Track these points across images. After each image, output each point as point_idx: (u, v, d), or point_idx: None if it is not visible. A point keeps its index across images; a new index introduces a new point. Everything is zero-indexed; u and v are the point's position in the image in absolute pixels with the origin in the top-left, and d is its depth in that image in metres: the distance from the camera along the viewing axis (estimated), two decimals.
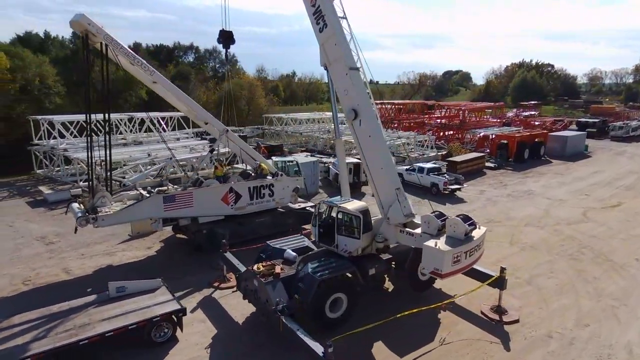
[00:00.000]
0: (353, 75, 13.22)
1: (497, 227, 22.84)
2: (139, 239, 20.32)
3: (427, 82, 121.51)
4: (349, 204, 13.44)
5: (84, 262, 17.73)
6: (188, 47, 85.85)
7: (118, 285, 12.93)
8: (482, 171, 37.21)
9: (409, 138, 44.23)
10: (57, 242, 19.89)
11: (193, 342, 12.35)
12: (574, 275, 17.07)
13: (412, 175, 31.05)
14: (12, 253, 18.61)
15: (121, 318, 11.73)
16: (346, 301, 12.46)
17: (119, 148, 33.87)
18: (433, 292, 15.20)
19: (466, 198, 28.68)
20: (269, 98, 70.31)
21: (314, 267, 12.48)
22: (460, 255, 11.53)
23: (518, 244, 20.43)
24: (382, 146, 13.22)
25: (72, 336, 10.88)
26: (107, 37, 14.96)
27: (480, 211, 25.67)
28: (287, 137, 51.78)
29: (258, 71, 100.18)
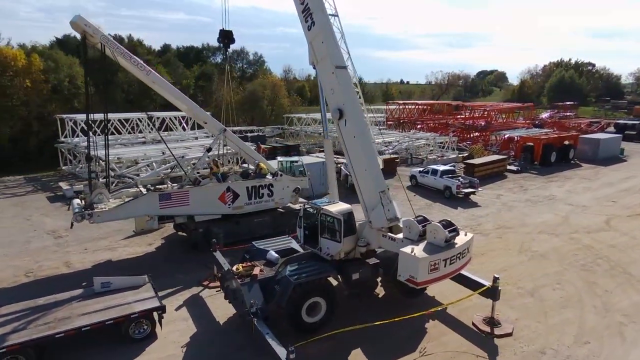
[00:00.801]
0: (339, 74, 12.87)
1: (508, 233, 21.75)
2: (142, 235, 20.74)
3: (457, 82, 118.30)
4: (332, 206, 13.10)
5: (85, 257, 18.27)
6: (217, 48, 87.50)
7: (103, 281, 13.17)
8: (503, 175, 35.68)
9: (428, 139, 43.09)
10: (65, 237, 20.62)
11: (171, 340, 12.39)
12: (583, 288, 15.95)
13: (426, 178, 30.25)
14: (22, 245, 19.45)
15: (100, 313, 11.93)
16: (325, 306, 12.13)
17: (136, 146, 34.95)
18: (425, 300, 14.58)
19: (481, 202, 27.55)
20: (293, 98, 70.43)
21: (292, 269, 12.24)
22: (438, 263, 10.93)
23: (527, 252, 19.35)
24: (366, 147, 12.80)
25: (50, 329, 11.15)
26: (103, 38, 15.33)
27: (493, 216, 24.58)
28: (306, 137, 51.71)
29: (285, 71, 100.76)
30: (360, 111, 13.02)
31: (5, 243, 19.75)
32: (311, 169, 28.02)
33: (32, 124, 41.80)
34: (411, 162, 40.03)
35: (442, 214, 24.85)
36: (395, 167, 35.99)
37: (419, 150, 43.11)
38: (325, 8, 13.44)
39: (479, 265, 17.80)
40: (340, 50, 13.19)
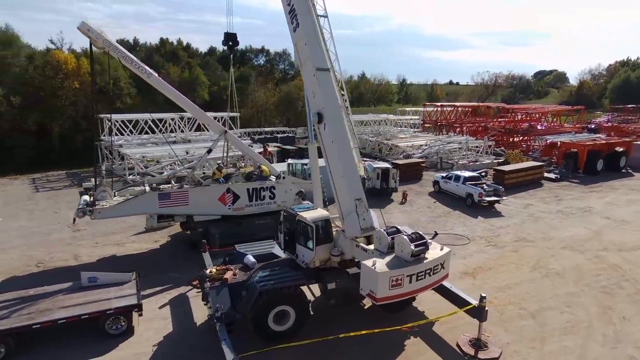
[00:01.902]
0: (320, 77, 12.50)
1: (526, 247, 20.16)
2: (152, 232, 21.46)
3: (508, 82, 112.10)
4: (308, 212, 12.73)
5: (94, 251, 19.22)
6: (259, 50, 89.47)
7: (90, 276, 13.73)
8: (539, 183, 33.26)
9: (460, 143, 41.19)
10: (83, 230, 21.85)
11: (145, 338, 12.64)
12: (597, 313, 14.36)
13: (448, 184, 28.89)
14: (42, 237, 20.84)
15: (79, 307, 12.41)
16: (294, 315, 11.82)
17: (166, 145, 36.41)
18: (413, 314, 13.79)
19: (505, 212, 25.82)
20: None
21: (262, 276, 12.04)
22: (401, 278, 10.21)
23: (542, 269, 17.79)
24: (344, 153, 12.30)
25: (29, 319, 11.77)
26: (105, 42, 16.03)
27: (514, 228, 22.91)
28: None
29: None
30: (340, 116, 12.56)
31: (28, 234, 21.28)
32: (323, 172, 27.71)
33: (79, 122, 44.95)
34: (441, 166, 38.46)
35: (459, 223, 23.63)
36: (421, 171, 34.80)
37: (452, 154, 41.32)
38: (311, 9, 13.13)
39: (482, 280, 16.66)
40: (323, 52, 12.82)
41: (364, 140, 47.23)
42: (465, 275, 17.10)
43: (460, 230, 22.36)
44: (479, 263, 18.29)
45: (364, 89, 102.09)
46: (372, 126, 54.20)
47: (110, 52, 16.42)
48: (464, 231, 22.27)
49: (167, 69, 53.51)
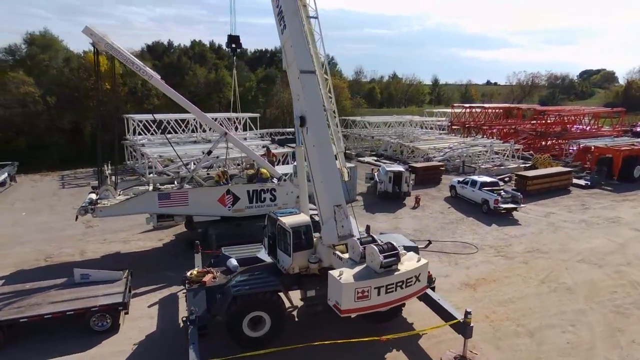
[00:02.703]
0: (304, 79, 12.22)
1: (538, 259, 18.97)
2: (159, 230, 21.90)
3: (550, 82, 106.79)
4: (289, 217, 12.47)
5: (100, 247, 19.88)
6: None
7: (82, 273, 14.14)
8: (567, 189, 31.35)
9: (485, 146, 39.56)
10: (95, 227, 22.67)
11: (128, 336, 12.85)
12: (603, 334, 13.25)
13: (465, 189, 27.79)
14: (57, 232, 21.79)
15: (67, 303, 12.79)
16: (269, 321, 11.63)
17: (187, 145, 37.27)
18: (397, 325, 13.25)
19: (523, 220, 24.47)
20: (356, 100, 69.63)
21: (240, 280, 11.94)
22: (368, 290, 9.75)
23: (551, 283, 16.67)
24: (324, 158, 11.94)
25: (19, 313, 12.26)
26: (107, 45, 16.48)
27: (529, 237, 21.66)
28: (359, 140, 50.66)
29: (356, 73, 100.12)
30: (322, 120, 12.20)
31: (45, 229, 22.32)
32: None
33: (109, 122, 46.87)
34: (463, 170, 37.10)
35: (469, 230, 22.64)
36: (439, 175, 33.72)
37: (478, 158, 39.74)
38: (298, 10, 12.88)
39: (483, 293, 15.81)
40: (307, 54, 12.52)
41: (386, 142, 46.43)
42: (465, 287, 16.29)
43: (470, 239, 21.38)
44: (482, 274, 17.39)
45: (394, 89, 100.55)
46: (396, 128, 53.15)
47: (112, 54, 16.88)
48: (474, 239, 21.27)
49: (194, 70, 54.85)
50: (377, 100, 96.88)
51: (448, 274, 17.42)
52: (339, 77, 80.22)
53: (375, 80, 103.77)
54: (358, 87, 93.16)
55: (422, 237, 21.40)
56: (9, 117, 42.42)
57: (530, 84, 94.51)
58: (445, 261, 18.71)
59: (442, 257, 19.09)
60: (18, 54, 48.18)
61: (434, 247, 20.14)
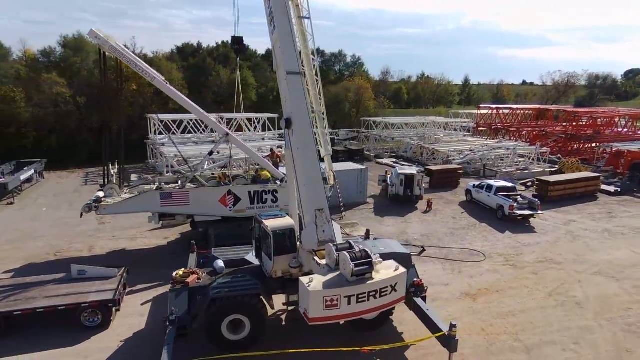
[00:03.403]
0: (290, 81, 12.05)
1: (550, 270, 17.95)
2: (167, 228, 22.28)
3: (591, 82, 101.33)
4: (272, 220, 12.30)
5: (107, 243, 20.46)
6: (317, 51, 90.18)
7: (79, 269, 14.55)
8: (594, 196, 29.61)
9: (508, 149, 38.00)
10: (107, 224, 23.37)
11: (117, 333, 13.08)
12: (609, 354, 12.32)
13: (480, 194, 26.79)
14: (71, 228, 22.60)
15: (60, 298, 13.17)
16: (249, 325, 11.52)
17: (205, 145, 37.94)
18: (384, 334, 12.82)
19: (540, 228, 23.28)
20: (381, 100, 68.71)
21: (221, 282, 11.88)
22: (337, 299, 9.39)
23: (560, 296, 15.69)
24: (308, 161, 11.67)
25: (14, 306, 12.74)
26: (111, 48, 16.89)
27: (543, 246, 20.55)
28: (379, 141, 49.95)
29: (383, 73, 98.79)
30: (306, 123, 11.93)
31: (61, 224, 23.23)
32: (347, 176, 27.08)
33: (135, 121, 48.48)
34: (483, 174, 35.81)
35: (480, 237, 21.75)
36: (457, 179, 32.67)
37: (501, 161, 38.22)
38: (287, 11, 12.69)
39: (483, 304, 15.09)
40: (294, 55, 12.30)
41: (406, 143, 45.54)
42: (465, 297, 15.60)
43: (479, 246, 20.51)
44: (486, 284, 16.61)
45: (421, 90, 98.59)
46: (418, 129, 52.03)
47: (116, 56, 17.30)
48: (483, 247, 20.40)
49: (217, 70, 55.80)
50: (404, 100, 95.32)
51: (449, 282, 16.76)
52: (365, 78, 79.65)
53: (403, 80, 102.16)
54: (385, 88, 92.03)
55: (427, 243, 20.76)
56: (43, 117, 44.58)
57: (565, 84, 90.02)
58: (448, 269, 18.03)
59: (445, 265, 18.41)
60: (53, 57, 50.61)
61: (438, 254, 19.47)
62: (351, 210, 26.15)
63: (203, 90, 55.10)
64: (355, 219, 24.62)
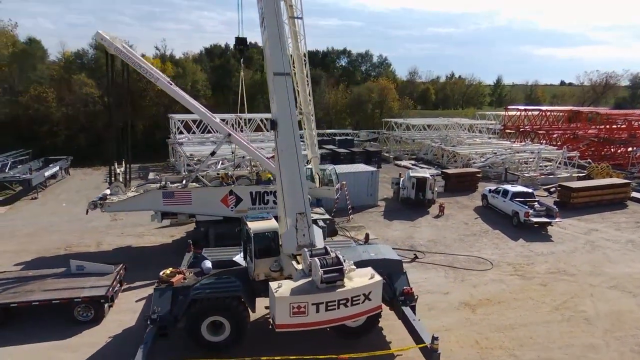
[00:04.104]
0: (276, 82, 11.88)
1: (561, 282, 16.94)
2: (176, 226, 22.62)
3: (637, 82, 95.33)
4: (257, 222, 12.17)
5: (115, 240, 21.01)
6: (341, 51, 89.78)
7: (78, 264, 14.97)
8: (623, 204, 27.82)
9: (532, 152, 36.34)
10: (119, 220, 24.04)
11: (107, 329, 13.33)
12: None
13: (496, 199, 25.73)
14: (85, 223, 23.33)
15: (56, 292, 13.57)
16: (229, 327, 11.45)
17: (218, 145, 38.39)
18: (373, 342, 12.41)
19: (558, 236, 22.06)
20: (405, 102, 67.47)
21: (204, 283, 11.87)
22: (305, 306, 9.09)
23: (567, 310, 14.75)
24: (290, 164, 11.45)
25: (12, 298, 13.23)
26: (116, 49, 17.31)
27: (557, 256, 19.46)
28: (399, 143, 48.97)
29: (410, 73, 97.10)
30: (289, 124, 11.70)
31: (75, 219, 24.04)
32: (357, 178, 26.68)
33: (159, 121, 49.87)
34: (505, 178, 34.41)
35: (490, 245, 20.87)
36: (475, 182, 31.55)
37: (526, 165, 36.56)
38: (277, 11, 12.52)
39: (482, 315, 14.40)
40: (281, 56, 12.08)
41: (427, 145, 44.47)
42: (464, 307, 14.93)
43: (488, 254, 19.65)
44: (488, 294, 15.85)
45: (450, 90, 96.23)
46: (441, 130, 50.68)
47: (121, 58, 17.72)
48: (492, 255, 19.52)
49: (240, 71, 56.48)
50: (431, 101, 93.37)
51: (449, 290, 16.11)
52: (390, 78, 78.51)
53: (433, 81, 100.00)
54: (412, 88, 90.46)
55: (433, 249, 20.10)
56: (73, 116, 46.64)
57: (604, 85, 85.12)
58: (451, 277, 17.35)
59: (448, 272, 17.72)
60: (85, 58, 52.80)
61: (443, 260, 18.78)
62: (360, 213, 25.71)
63: (226, 90, 55.99)
64: (363, 222, 24.17)
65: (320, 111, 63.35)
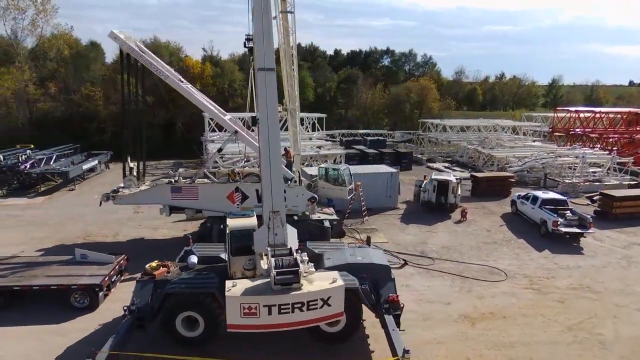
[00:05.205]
0: (259, 77, 11.67)
1: (581, 299, 15.33)
2: (190, 221, 23.14)
3: None
4: (236, 219, 11.99)
5: (131, 231, 21.86)
6: (384, 51, 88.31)
7: (82, 253, 15.65)
8: None
9: (577, 157, 33.45)
10: (141, 213, 25.01)
11: (100, 316, 13.76)
12: None
13: (525, 206, 23.96)
14: (109, 215, 24.45)
15: (57, 278, 14.24)
16: (203, 323, 11.38)
17: None
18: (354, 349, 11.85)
19: (591, 249, 20.07)
20: (446, 102, 64.95)
21: (182, 278, 11.89)
22: (256, 307, 8.70)
23: (582, 332, 13.26)
24: (271, 161, 11.14)
25: (17, 281, 14.06)
26: (129, 48, 17.94)
27: (585, 271, 17.67)
28: (435, 145, 47.12)
29: (457, 73, 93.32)
30: (271, 120, 11.36)
31: (101, 211, 24.81)
32: (375, 179, 25.90)
33: (198, 119, 51.61)
34: (544, 184, 31.99)
35: (510, 255, 19.42)
36: (508, 187, 29.57)
37: (571, 171, 33.69)
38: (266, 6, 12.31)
39: (482, 330, 13.34)
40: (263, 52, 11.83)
41: (462, 147, 42.43)
42: (463, 320, 13.88)
43: (505, 264, 18.23)
44: (494, 307, 14.64)
45: (499, 91, 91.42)
46: (482, 132, 48.18)
47: (134, 56, 18.34)
48: (509, 265, 18.09)
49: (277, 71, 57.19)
50: (478, 102, 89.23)
51: (452, 301, 15.08)
52: (433, 78, 75.84)
53: (484, 80, 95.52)
54: (457, 88, 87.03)
55: (445, 256, 18.99)
56: (118, 113, 49.50)
57: None
58: (457, 286, 16.25)
59: (456, 281, 16.63)
60: None
61: (453, 269, 17.66)
62: (377, 215, 24.92)
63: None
64: (378, 224, 23.39)
65: (357, 111, 62.77)
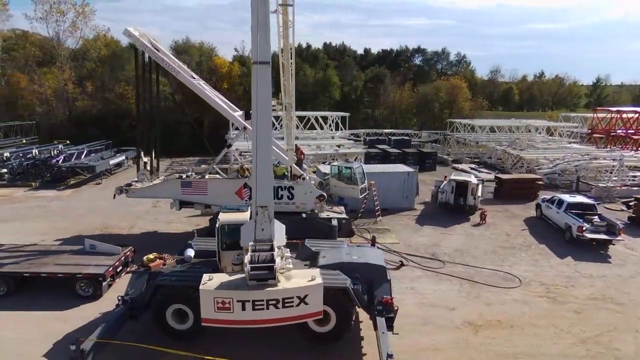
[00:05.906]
0: (254, 70, 11.55)
1: (602, 311, 14.25)
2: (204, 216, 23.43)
3: None
4: (228, 214, 11.93)
5: (146, 225, 22.39)
6: (415, 50, 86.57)
7: (91, 243, 16.12)
8: None
9: (614, 160, 31.30)
10: (158, 207, 25.58)
11: (102, 305, 13.98)
12: None
13: (550, 210, 22.65)
14: (129, 208, 25.16)
15: (64, 267, 14.71)
16: (192, 316, 11.38)
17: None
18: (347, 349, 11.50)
19: (619, 257, 18.69)
20: (478, 102, 62.74)
21: (174, 271, 11.97)
22: (230, 302, 8.48)
23: (596, 346, 12.26)
24: (260, 155, 10.96)
25: (28, 268, 14.65)
26: (142, 45, 18.32)
27: (610, 280, 16.44)
28: (463, 145, 45.58)
29: (492, 72, 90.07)
30: (262, 114, 11.19)
31: (122, 204, 25.64)
32: (390, 178, 25.28)
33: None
34: (576, 187, 30.20)
35: (528, 261, 18.39)
36: (535, 190, 28.10)
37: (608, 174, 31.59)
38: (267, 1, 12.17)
39: (484, 338, 12.63)
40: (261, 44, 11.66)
41: (490, 148, 40.80)
42: (466, 327, 13.17)
43: (520, 270, 17.22)
44: (502, 315, 13.82)
45: (537, 90, 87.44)
46: (513, 133, 46.17)
47: (147, 53, 18.72)
48: (525, 272, 17.08)
49: (304, 70, 57.20)
50: (514, 102, 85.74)
51: (457, 306, 14.37)
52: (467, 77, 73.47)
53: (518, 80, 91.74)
54: (492, 88, 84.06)
55: (457, 259, 18.21)
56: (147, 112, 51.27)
57: None
58: (465, 291, 15.49)
59: (464, 286, 15.85)
60: None
61: (463, 273, 16.87)
62: (392, 215, 24.30)
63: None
64: (392, 225, 22.79)
65: (385, 110, 61.77)
